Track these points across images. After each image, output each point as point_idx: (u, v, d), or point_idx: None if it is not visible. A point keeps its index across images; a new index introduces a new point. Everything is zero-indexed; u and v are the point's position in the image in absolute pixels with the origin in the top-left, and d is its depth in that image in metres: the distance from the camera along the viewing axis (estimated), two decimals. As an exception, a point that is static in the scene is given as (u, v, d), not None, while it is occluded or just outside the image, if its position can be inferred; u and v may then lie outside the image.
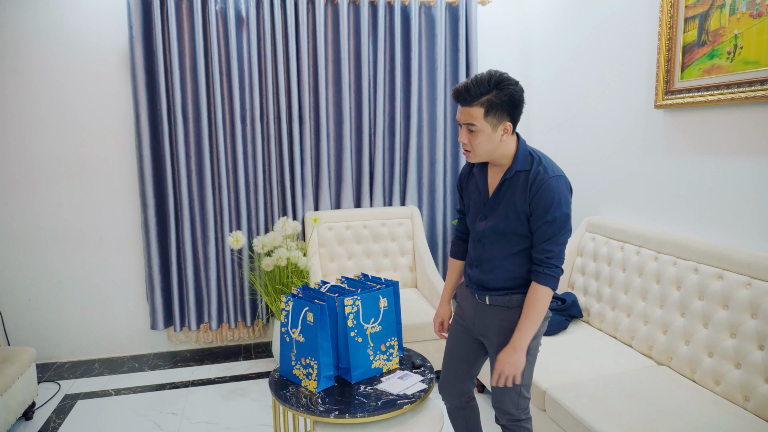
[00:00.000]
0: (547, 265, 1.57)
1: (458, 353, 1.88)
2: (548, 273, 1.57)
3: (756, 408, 1.81)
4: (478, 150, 1.58)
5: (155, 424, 2.66)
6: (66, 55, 3.16)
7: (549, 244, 1.56)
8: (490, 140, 1.56)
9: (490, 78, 1.50)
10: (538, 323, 1.60)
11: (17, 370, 2.48)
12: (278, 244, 3.04)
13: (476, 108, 1.51)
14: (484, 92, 1.50)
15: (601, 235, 2.75)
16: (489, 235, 1.66)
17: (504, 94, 1.50)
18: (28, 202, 3.23)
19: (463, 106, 1.54)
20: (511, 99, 1.51)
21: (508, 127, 1.55)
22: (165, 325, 3.39)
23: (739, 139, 2.11)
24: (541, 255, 1.57)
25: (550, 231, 1.55)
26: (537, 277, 1.59)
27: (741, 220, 2.12)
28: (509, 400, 1.72)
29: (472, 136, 1.56)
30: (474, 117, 1.52)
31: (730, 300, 1.98)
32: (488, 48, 3.67)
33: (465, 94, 1.52)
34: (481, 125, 1.53)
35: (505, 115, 1.53)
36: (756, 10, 1.98)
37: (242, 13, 3.23)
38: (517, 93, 1.52)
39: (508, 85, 1.51)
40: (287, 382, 1.99)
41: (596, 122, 2.98)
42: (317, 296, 1.98)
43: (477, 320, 1.76)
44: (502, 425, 1.79)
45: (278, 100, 3.29)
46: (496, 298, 1.68)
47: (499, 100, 1.50)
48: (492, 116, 1.52)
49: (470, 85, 1.51)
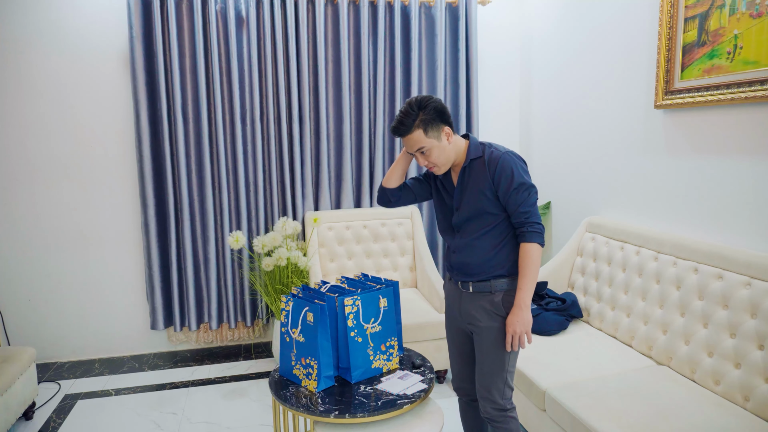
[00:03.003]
0: (528, 224, 1.72)
1: (459, 351, 1.94)
2: (531, 230, 1.72)
3: (756, 408, 1.81)
4: (439, 161, 1.75)
5: (155, 424, 2.67)
6: (66, 55, 3.16)
7: (523, 206, 1.72)
8: (442, 150, 1.74)
9: (410, 105, 1.70)
10: (536, 278, 1.73)
11: (17, 370, 2.48)
12: (278, 244, 3.04)
13: (416, 132, 1.70)
14: (414, 117, 1.69)
15: (601, 235, 2.75)
16: (463, 222, 1.80)
17: (429, 109, 1.69)
18: (28, 202, 3.23)
19: (405, 136, 1.72)
20: (436, 110, 1.70)
21: (447, 131, 1.74)
22: (165, 325, 3.39)
23: (738, 139, 2.11)
24: (521, 218, 1.73)
25: (520, 197, 1.71)
26: (523, 237, 1.73)
27: (741, 220, 2.12)
28: (496, 388, 1.77)
29: (427, 155, 1.74)
30: (419, 141, 1.71)
31: (729, 300, 1.98)
32: (488, 48, 3.68)
33: (401, 127, 1.71)
34: (428, 143, 1.71)
35: (439, 123, 1.72)
36: (756, 10, 1.98)
37: (242, 13, 3.23)
38: (438, 103, 1.72)
39: (429, 102, 1.70)
40: (287, 382, 1.99)
41: (596, 122, 2.98)
42: (317, 296, 1.98)
43: (463, 310, 1.83)
44: (489, 418, 1.80)
45: (278, 100, 3.29)
46: (477, 284, 1.78)
47: (429, 117, 1.70)
48: (431, 131, 1.71)
49: (402, 119, 1.70)
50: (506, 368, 1.77)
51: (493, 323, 1.76)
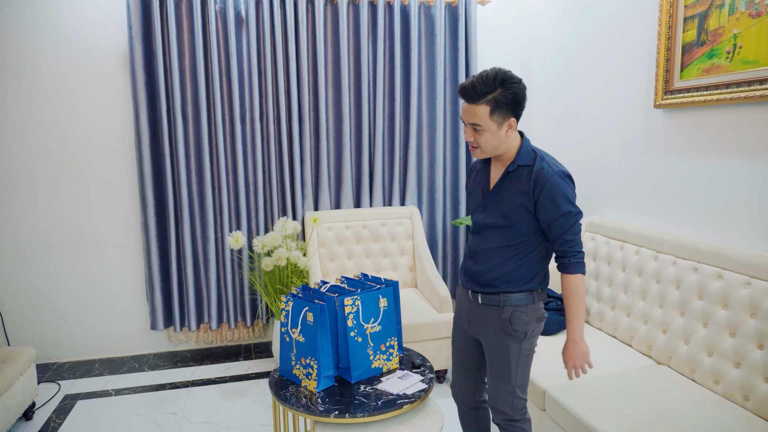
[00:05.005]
0: (571, 254, 1.63)
1: (464, 357, 1.90)
2: (575, 261, 1.63)
3: (756, 407, 1.81)
4: (485, 147, 1.62)
5: (155, 424, 2.67)
6: (66, 55, 3.16)
7: (569, 235, 1.61)
8: (496, 137, 1.59)
9: (495, 76, 1.52)
10: (584, 309, 1.66)
11: (17, 371, 2.48)
12: (278, 244, 3.04)
13: (482, 106, 1.54)
14: (490, 90, 1.52)
15: (601, 235, 2.75)
16: (487, 226, 1.70)
17: (509, 93, 1.53)
18: (28, 202, 3.23)
19: (469, 103, 1.57)
20: (515, 97, 1.54)
21: (512, 123, 1.59)
22: (165, 325, 3.39)
23: (738, 139, 2.11)
24: (564, 246, 1.63)
25: (567, 223, 1.60)
26: (566, 269, 1.64)
27: (740, 219, 2.12)
28: (503, 400, 1.74)
29: (477, 134, 1.59)
30: (479, 116, 1.55)
31: (729, 299, 1.98)
32: (488, 48, 3.68)
33: (471, 91, 1.54)
34: (486, 124, 1.56)
35: (509, 112, 1.56)
36: (755, 9, 1.98)
37: (242, 13, 3.23)
38: (521, 91, 1.56)
39: (513, 84, 1.53)
40: (287, 382, 1.99)
41: (596, 122, 2.98)
42: (317, 296, 1.98)
43: (472, 319, 1.78)
44: (498, 424, 1.80)
45: (278, 101, 3.29)
46: (487, 297, 1.71)
47: (504, 99, 1.53)
48: (497, 114, 1.55)
49: (476, 83, 1.53)
50: (513, 382, 1.72)
51: (500, 340, 1.70)
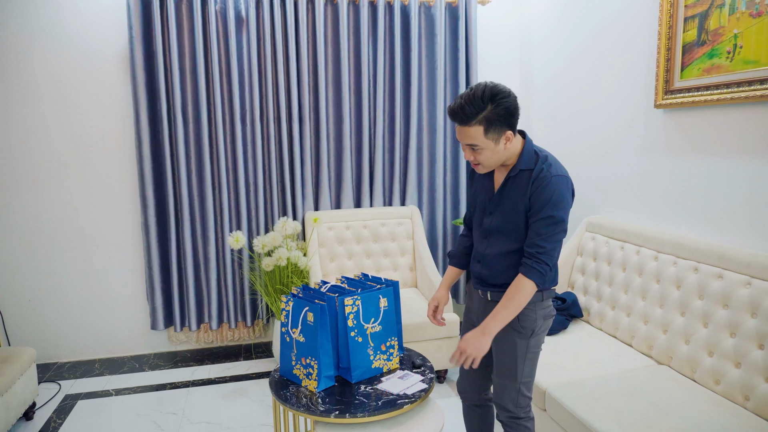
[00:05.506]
0: (536, 260, 1.56)
1: None
2: (536, 267, 1.55)
3: (756, 407, 1.81)
4: (487, 163, 1.58)
5: (155, 424, 2.67)
6: (66, 55, 3.16)
7: (542, 240, 1.55)
8: (495, 153, 1.55)
9: (483, 93, 1.47)
10: (514, 313, 1.58)
11: (17, 371, 2.48)
12: (278, 244, 3.04)
13: (475, 127, 1.49)
14: (480, 110, 1.47)
15: (601, 235, 2.75)
16: (493, 231, 1.69)
17: (500, 108, 1.48)
18: (28, 202, 3.23)
19: (461, 125, 1.52)
20: (507, 111, 1.49)
21: (509, 135, 1.54)
22: (165, 325, 3.39)
23: (738, 139, 2.11)
24: (533, 249, 1.56)
25: (545, 229, 1.54)
26: (524, 269, 1.57)
27: (741, 219, 2.12)
28: (508, 397, 1.74)
29: (476, 153, 1.55)
30: (474, 137, 1.51)
31: (729, 299, 1.98)
32: (488, 48, 3.68)
33: (461, 113, 1.49)
34: (483, 143, 1.52)
35: (504, 127, 1.51)
36: (755, 9, 1.98)
37: (242, 13, 3.23)
38: (512, 103, 1.50)
39: (502, 99, 1.48)
40: (287, 382, 1.99)
41: (596, 122, 2.98)
42: (317, 296, 1.98)
43: (481, 316, 1.78)
44: (502, 421, 1.80)
45: (278, 101, 3.29)
46: (496, 294, 1.70)
47: (496, 116, 1.48)
48: (492, 132, 1.50)
49: (465, 104, 1.48)
50: (519, 379, 1.71)
51: (507, 336, 1.69)
